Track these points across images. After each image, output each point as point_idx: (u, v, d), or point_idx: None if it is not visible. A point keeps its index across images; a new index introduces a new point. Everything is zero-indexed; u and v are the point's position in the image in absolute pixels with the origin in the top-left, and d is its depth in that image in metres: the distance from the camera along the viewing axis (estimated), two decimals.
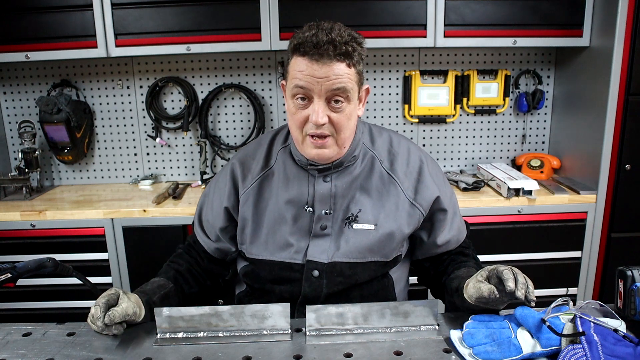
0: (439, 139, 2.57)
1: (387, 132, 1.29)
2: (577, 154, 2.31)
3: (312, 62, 1.03)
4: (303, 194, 1.19)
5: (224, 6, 2.09)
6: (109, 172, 2.59)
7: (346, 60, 1.04)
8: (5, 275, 1.06)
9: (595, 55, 2.12)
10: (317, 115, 1.05)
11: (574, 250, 2.18)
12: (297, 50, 1.05)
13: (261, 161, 1.25)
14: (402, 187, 1.20)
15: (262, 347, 0.99)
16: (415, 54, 2.46)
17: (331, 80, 1.03)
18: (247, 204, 1.22)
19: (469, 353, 0.93)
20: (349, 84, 1.05)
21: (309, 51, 1.02)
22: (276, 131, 1.30)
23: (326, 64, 1.02)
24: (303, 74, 1.04)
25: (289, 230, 1.20)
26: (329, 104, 1.07)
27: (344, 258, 1.18)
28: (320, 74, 1.03)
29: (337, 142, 1.11)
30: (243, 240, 1.25)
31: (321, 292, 1.19)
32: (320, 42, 1.01)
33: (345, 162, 1.18)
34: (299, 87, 1.05)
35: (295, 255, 1.19)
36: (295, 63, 1.06)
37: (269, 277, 1.23)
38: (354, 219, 1.19)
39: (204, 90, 2.48)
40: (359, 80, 1.09)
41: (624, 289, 1.03)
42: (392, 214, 1.19)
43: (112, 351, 0.99)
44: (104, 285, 2.10)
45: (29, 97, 2.48)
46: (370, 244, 1.18)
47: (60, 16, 2.09)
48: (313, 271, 1.18)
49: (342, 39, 1.03)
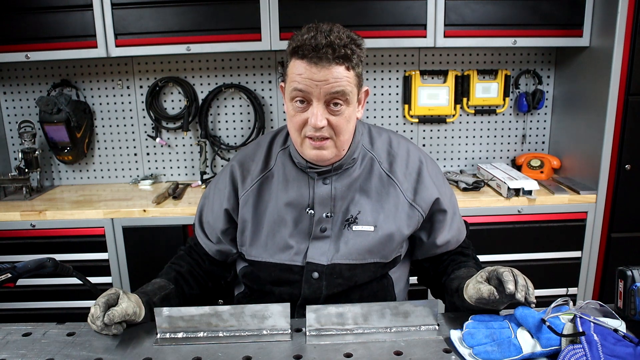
0: (439, 139, 2.57)
1: (386, 133, 1.28)
2: (577, 154, 2.31)
3: (311, 65, 1.02)
4: (303, 196, 1.19)
5: (224, 6, 2.09)
6: (109, 172, 2.59)
7: (345, 63, 1.03)
8: (5, 275, 1.06)
9: (595, 55, 2.12)
10: (316, 119, 1.05)
11: (574, 250, 2.18)
12: (296, 53, 1.04)
13: (260, 163, 1.24)
14: (402, 188, 1.20)
15: (262, 347, 0.99)
16: (415, 54, 2.47)
17: (330, 83, 1.03)
18: (246, 206, 1.22)
19: (469, 353, 0.93)
20: (348, 87, 1.05)
21: (308, 54, 1.01)
22: (275, 132, 1.30)
23: (325, 67, 1.02)
24: (302, 77, 1.03)
25: (289, 233, 1.19)
26: (327, 107, 1.06)
27: (344, 260, 1.18)
28: (319, 77, 1.02)
29: (336, 144, 1.11)
30: (243, 242, 1.24)
31: (321, 293, 1.19)
32: (319, 45, 1.00)
33: (344, 165, 1.18)
34: (298, 90, 1.05)
35: (295, 257, 1.19)
36: (294, 66, 1.05)
37: (268, 279, 1.23)
38: (354, 221, 1.18)
39: (204, 90, 2.48)
40: (358, 82, 1.09)
41: (624, 289, 1.03)
42: (392, 216, 1.19)
43: (112, 351, 0.99)
44: (104, 285, 2.10)
45: (29, 97, 2.48)
46: (370, 245, 1.18)
47: (60, 16, 2.09)
48: (313, 273, 1.18)
49: (341, 41, 1.02)
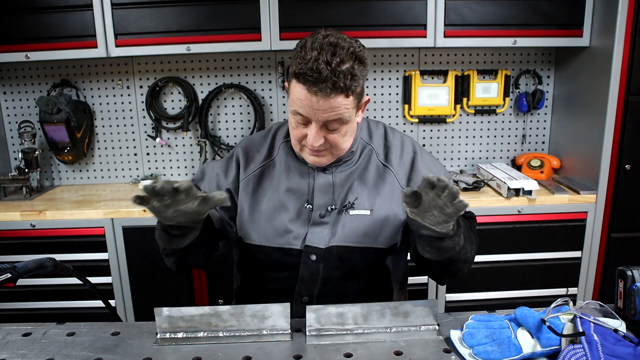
0: (439, 139, 2.57)
1: (382, 126, 1.34)
2: (577, 154, 2.31)
3: (311, 93, 1.04)
4: (303, 184, 1.23)
5: (224, 6, 2.09)
6: (109, 172, 2.58)
7: (344, 92, 1.05)
8: (5, 275, 1.06)
9: (595, 55, 2.12)
10: (313, 140, 1.09)
11: (574, 250, 2.17)
12: (297, 77, 1.05)
13: (264, 152, 1.29)
14: (397, 176, 1.25)
15: (262, 347, 0.99)
16: (415, 54, 2.46)
17: (327, 112, 1.06)
18: (246, 189, 1.26)
19: (469, 353, 0.93)
20: (346, 113, 1.08)
21: (308, 81, 1.03)
22: (279, 125, 1.35)
23: (324, 98, 1.04)
24: (302, 103, 1.06)
25: (289, 218, 1.22)
26: (326, 126, 1.10)
27: (341, 242, 1.21)
28: (317, 106, 1.05)
29: (333, 154, 1.17)
30: (241, 226, 1.27)
31: (318, 275, 1.21)
32: (320, 78, 1.01)
33: (344, 158, 1.23)
34: (298, 113, 1.09)
35: (294, 241, 1.22)
36: (295, 88, 1.07)
37: (266, 263, 1.25)
38: (351, 206, 1.22)
39: (204, 90, 2.48)
40: (357, 102, 1.12)
41: (624, 289, 1.03)
42: (388, 200, 1.23)
43: (112, 351, 0.99)
44: (104, 285, 2.10)
45: (29, 97, 2.48)
46: (366, 228, 1.21)
47: (60, 16, 2.09)
48: (310, 255, 1.21)
49: (342, 68, 1.02)
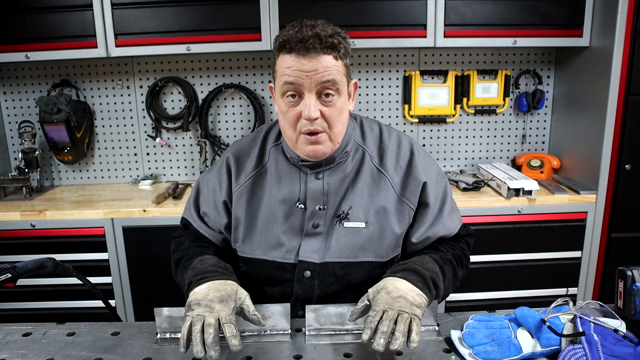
0: (439, 139, 2.57)
1: (377, 126, 1.27)
2: (577, 154, 2.31)
3: (300, 57, 1.02)
4: (295, 191, 1.19)
5: (224, 6, 2.09)
6: (109, 172, 2.59)
7: (333, 52, 1.04)
8: (5, 275, 1.06)
9: (595, 55, 2.12)
10: (310, 110, 1.04)
11: (574, 250, 2.18)
12: (283, 48, 1.04)
13: (255, 159, 1.24)
14: (392, 182, 1.19)
15: (262, 347, 0.99)
16: (415, 54, 2.46)
17: (320, 73, 1.03)
18: (239, 202, 1.21)
19: (469, 353, 0.93)
20: (338, 76, 1.05)
21: (295, 47, 1.02)
22: (269, 127, 1.29)
23: (314, 58, 1.02)
24: (291, 70, 1.04)
25: (280, 229, 1.18)
26: (319, 98, 1.06)
27: (336, 258, 1.17)
28: (308, 68, 1.03)
29: (331, 137, 1.11)
30: (236, 239, 1.23)
31: (313, 293, 1.18)
32: (306, 37, 1.01)
33: (337, 158, 1.18)
34: (289, 83, 1.05)
35: (287, 255, 1.18)
36: (282, 61, 1.05)
37: (261, 278, 1.22)
38: (345, 217, 1.18)
39: (204, 90, 2.48)
40: (347, 73, 1.10)
41: (624, 289, 1.03)
42: (382, 211, 1.18)
43: (112, 351, 0.99)
44: (104, 285, 2.10)
45: (29, 97, 2.48)
46: (362, 242, 1.17)
47: (60, 16, 2.09)
48: (305, 272, 1.17)
49: (326, 32, 1.03)
